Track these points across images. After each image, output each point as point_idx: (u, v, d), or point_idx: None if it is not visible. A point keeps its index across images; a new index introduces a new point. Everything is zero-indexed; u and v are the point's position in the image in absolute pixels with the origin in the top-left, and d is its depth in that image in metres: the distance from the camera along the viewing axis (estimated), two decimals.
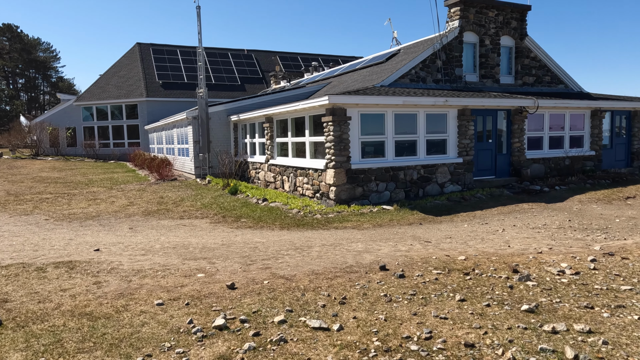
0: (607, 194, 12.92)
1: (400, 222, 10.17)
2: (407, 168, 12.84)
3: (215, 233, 9.60)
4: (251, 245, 8.35)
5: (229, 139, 19.74)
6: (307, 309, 5.08)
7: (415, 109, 12.98)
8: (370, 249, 7.93)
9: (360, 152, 12.31)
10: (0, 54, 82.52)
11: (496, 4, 17.61)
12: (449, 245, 8.17)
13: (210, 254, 7.77)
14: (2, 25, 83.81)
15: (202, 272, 6.63)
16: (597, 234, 8.97)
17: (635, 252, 7.34)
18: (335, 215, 10.69)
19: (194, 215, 11.64)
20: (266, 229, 9.92)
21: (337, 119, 11.78)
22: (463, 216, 10.75)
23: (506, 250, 7.68)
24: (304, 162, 13.54)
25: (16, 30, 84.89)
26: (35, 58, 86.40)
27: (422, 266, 6.67)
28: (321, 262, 7.03)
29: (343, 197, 11.97)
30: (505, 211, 11.20)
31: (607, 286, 5.70)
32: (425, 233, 9.21)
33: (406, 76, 16.08)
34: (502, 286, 5.75)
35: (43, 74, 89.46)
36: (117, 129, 34.13)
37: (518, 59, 18.38)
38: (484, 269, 6.51)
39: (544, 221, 10.17)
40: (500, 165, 14.82)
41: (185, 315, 4.95)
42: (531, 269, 6.50)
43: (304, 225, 10.03)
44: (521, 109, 14.69)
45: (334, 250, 7.87)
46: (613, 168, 16.83)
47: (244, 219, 10.83)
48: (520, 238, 8.66)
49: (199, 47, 18.94)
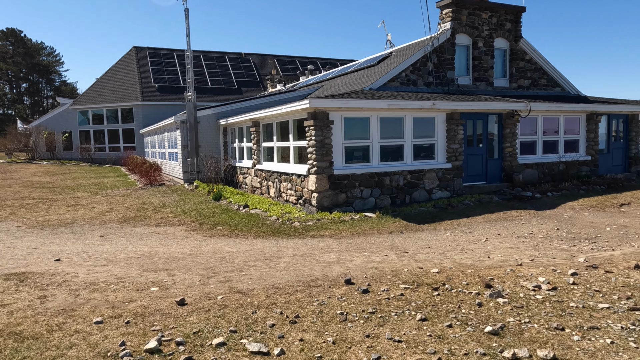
0: (601, 201, 12.46)
1: (380, 231, 9.77)
2: (393, 174, 12.44)
3: (186, 242, 9.24)
4: (219, 256, 7.98)
5: (218, 144, 19.42)
6: (253, 329, 4.70)
7: (402, 112, 12.60)
8: (343, 260, 7.54)
9: (343, 157, 11.93)
10: (4, 58, 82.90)
11: (489, 6, 17.22)
12: (425, 256, 7.77)
13: (173, 264, 7.40)
14: (6, 30, 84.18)
15: (158, 285, 6.26)
16: (585, 244, 8.54)
17: (621, 264, 6.91)
18: (314, 223, 10.31)
19: (171, 222, 11.29)
20: (240, 237, 9.55)
21: (318, 123, 11.42)
22: (447, 224, 10.33)
23: (484, 262, 7.27)
24: (287, 167, 13.18)
25: (19, 35, 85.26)
26: (39, 62, 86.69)
27: (391, 280, 6.28)
28: (286, 275, 6.64)
29: (325, 203, 11.58)
30: (492, 219, 10.78)
31: (583, 304, 5.29)
32: (404, 242, 8.81)
33: (396, 79, 15.70)
34: (471, 303, 5.34)
35: (46, 78, 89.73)
36: (112, 133, 33.92)
37: (513, 61, 17.96)
38: (455, 283, 6.10)
39: (531, 230, 9.74)
40: (491, 171, 14.39)
41: (121, 336, 4.58)
42: (506, 283, 6.09)
43: (280, 234, 9.65)
44: (513, 113, 14.27)
45: (304, 261, 7.48)
46: (610, 173, 16.35)
47: (220, 227, 10.47)
48: (503, 248, 8.25)
49: (187, 50, 18.64)
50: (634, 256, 7.45)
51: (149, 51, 36.21)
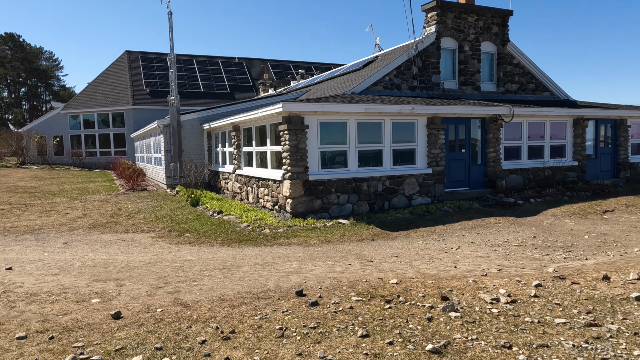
0: (584, 208, 12.16)
1: (351, 238, 9.47)
2: (371, 179, 12.16)
3: (150, 249, 8.95)
4: (178, 264, 7.70)
5: (202, 148, 19.17)
6: (180, 346, 4.41)
7: (381, 117, 12.33)
8: (303, 269, 7.25)
9: (319, 163, 11.66)
10: (2, 62, 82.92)
11: (476, 9, 16.99)
12: (391, 265, 7.48)
13: (127, 274, 7.12)
14: (5, 35, 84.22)
15: (101, 296, 5.98)
16: (559, 252, 8.24)
17: (590, 275, 6.61)
18: (285, 230, 10.02)
19: (141, 228, 11.01)
20: (206, 244, 9.26)
21: (292, 128, 11.15)
22: (422, 231, 10.04)
23: (449, 272, 6.97)
24: (264, 172, 12.91)
25: (18, 40, 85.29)
26: (37, 67, 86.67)
27: (346, 291, 5.99)
28: (238, 286, 6.36)
29: (300, 210, 11.30)
30: (468, 226, 10.48)
31: (540, 318, 4.99)
32: (373, 251, 8.51)
33: (379, 83, 15.46)
34: (421, 318, 5.05)
35: (45, 83, 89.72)
36: (104, 137, 33.72)
37: (500, 65, 17.72)
38: (411, 295, 5.81)
39: (506, 237, 9.44)
40: (474, 176, 14.09)
41: (37, 353, 4.29)
42: (464, 295, 5.79)
43: (247, 241, 9.37)
44: (496, 117, 13.99)
45: (263, 270, 7.20)
46: (598, 179, 16.04)
47: (189, 234, 10.19)
48: (473, 257, 7.95)
49: (170, 54, 18.43)
50: (606, 266, 7.16)
51: (141, 55, 36.06)
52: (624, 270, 6.81)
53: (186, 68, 36.27)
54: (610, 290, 5.91)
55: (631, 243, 8.90)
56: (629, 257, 7.89)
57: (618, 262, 7.51)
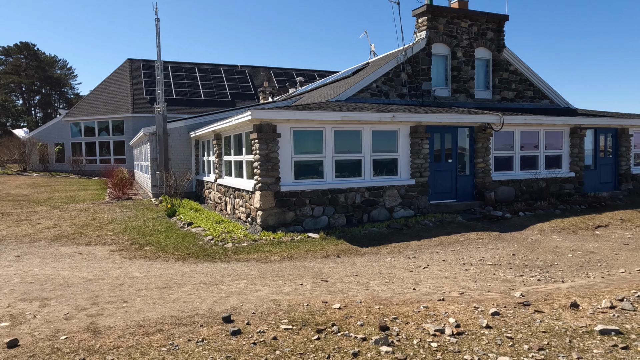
0: (576, 222, 11.40)
1: (316, 254, 8.89)
2: (348, 190, 11.58)
3: (101, 264, 8.48)
4: (119, 282, 7.21)
5: (190, 157, 18.79)
6: None
7: (359, 125, 11.77)
8: (249, 290, 6.70)
9: (293, 173, 11.12)
10: (17, 71, 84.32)
11: (469, 14, 16.40)
12: (345, 286, 6.88)
13: (59, 292, 6.65)
14: (20, 44, 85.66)
15: (14, 319, 5.50)
16: (534, 273, 7.56)
17: (559, 301, 5.95)
18: (249, 245, 9.48)
19: (105, 240, 10.57)
20: (161, 259, 8.77)
21: (263, 136, 10.65)
22: (394, 247, 9.41)
23: (405, 296, 6.36)
24: (239, 182, 12.43)
25: (33, 48, 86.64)
26: (51, 75, 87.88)
27: (279, 317, 5.42)
28: (167, 308, 5.83)
29: (271, 222, 10.76)
30: (446, 242, 9.82)
31: (482, 355, 4.37)
32: (334, 269, 7.93)
33: (366, 91, 14.92)
34: (346, 353, 4.46)
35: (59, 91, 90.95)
36: (103, 145, 33.68)
37: (496, 72, 17.06)
38: (349, 324, 5.22)
39: (483, 255, 8.77)
40: (462, 188, 13.41)
41: None
42: (408, 325, 5.18)
43: (205, 256, 8.85)
44: (485, 126, 13.33)
45: (205, 290, 6.66)
46: (597, 191, 15.23)
47: (148, 247, 9.70)
48: (438, 278, 7.32)
49: (157, 60, 18.15)
50: (581, 290, 6.47)
51: (143, 63, 36.06)
52: (598, 296, 6.13)
53: (188, 76, 36.17)
54: (575, 321, 5.25)
55: (618, 263, 8.18)
56: (610, 279, 7.18)
57: (596, 285, 6.82)
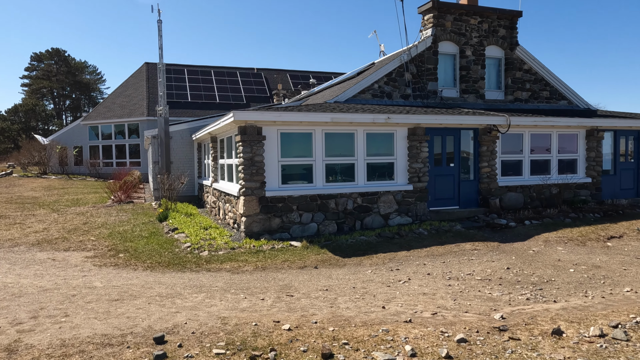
0: (586, 232, 10.46)
1: (292, 265, 8.32)
2: (339, 196, 10.96)
3: (66, 272, 8.13)
4: (74, 293, 6.81)
5: (192, 160, 18.51)
6: None
7: (352, 127, 11.16)
8: (204, 304, 6.19)
9: (279, 177, 10.59)
10: (49, 76, 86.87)
11: (479, 10, 15.55)
12: (310, 302, 6.29)
13: (6, 303, 6.29)
14: (51, 50, 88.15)
15: None
16: (525, 290, 6.80)
17: (542, 326, 5.21)
18: (225, 253, 8.98)
19: (85, 246, 10.26)
20: (130, 268, 8.35)
21: (247, 139, 10.16)
22: (379, 258, 8.75)
23: (370, 315, 5.72)
24: (228, 186, 11.98)
25: (63, 54, 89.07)
26: (81, 80, 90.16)
27: (217, 339, 4.88)
28: (105, 324, 5.37)
29: (255, 229, 10.24)
30: (437, 252, 9.09)
31: None
32: (306, 282, 7.34)
33: (367, 91, 14.27)
34: None
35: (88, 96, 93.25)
36: (120, 148, 33.96)
37: (508, 71, 16.14)
38: (291, 348, 4.63)
39: (474, 268, 8.03)
40: (465, 194, 12.60)
41: None
42: (358, 351, 4.56)
43: (175, 265, 8.39)
44: (490, 128, 12.50)
45: (156, 304, 6.18)
46: (617, 198, 14.14)
47: (123, 254, 9.32)
48: (415, 294, 6.64)
49: (159, 63, 17.99)
50: (574, 313, 5.70)
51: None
52: (589, 321, 5.35)
53: (204, 79, 36.20)
54: (553, 352, 4.52)
55: (625, 280, 7.31)
56: (611, 300, 6.36)
57: (592, 307, 6.02)
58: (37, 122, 78.07)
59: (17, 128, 71.94)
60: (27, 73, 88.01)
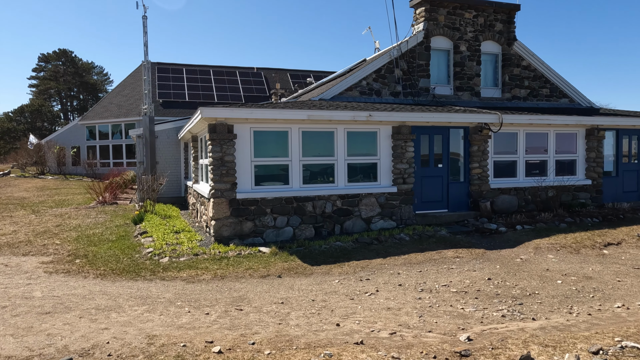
0: (581, 239, 9.69)
1: (254, 274, 7.67)
2: (317, 198, 10.31)
3: (11, 280, 7.56)
4: (6, 304, 6.23)
5: (179, 160, 17.95)
6: None
7: (332, 125, 10.50)
8: (140, 319, 5.57)
9: (252, 178, 9.96)
10: (56, 77, 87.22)
11: (474, 4, 14.80)
12: (258, 317, 5.65)
13: None
14: (58, 51, 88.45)
15: None
16: (503, 306, 6.09)
17: (510, 351, 4.51)
18: (187, 260, 8.36)
19: (46, 250, 9.71)
20: (81, 275, 7.77)
21: (217, 137, 9.54)
22: (350, 266, 8.07)
23: (319, 335, 5.06)
24: (202, 187, 11.39)
25: (70, 55, 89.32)
26: (88, 81, 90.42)
27: None
28: (19, 344, 4.78)
29: (225, 233, 9.62)
30: (415, 260, 8.39)
31: None
32: (263, 293, 6.69)
33: (354, 88, 13.60)
34: None
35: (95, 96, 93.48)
36: (116, 148, 33.61)
37: (506, 68, 15.37)
38: None
39: (452, 279, 7.32)
40: (455, 197, 11.87)
41: None
42: None
43: (129, 273, 7.78)
44: (481, 127, 11.76)
45: (88, 319, 5.58)
46: (618, 201, 13.30)
47: (79, 260, 8.74)
48: (378, 309, 5.96)
49: (144, 60, 17.48)
50: (551, 334, 4.99)
51: (158, 66, 35.85)
52: (567, 345, 4.65)
53: (202, 79, 35.75)
54: None
55: (617, 294, 6.58)
56: (598, 317, 5.64)
57: (575, 326, 5.31)
58: (42, 123, 78.39)
59: (23, 128, 72.22)
60: (35, 74, 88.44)
